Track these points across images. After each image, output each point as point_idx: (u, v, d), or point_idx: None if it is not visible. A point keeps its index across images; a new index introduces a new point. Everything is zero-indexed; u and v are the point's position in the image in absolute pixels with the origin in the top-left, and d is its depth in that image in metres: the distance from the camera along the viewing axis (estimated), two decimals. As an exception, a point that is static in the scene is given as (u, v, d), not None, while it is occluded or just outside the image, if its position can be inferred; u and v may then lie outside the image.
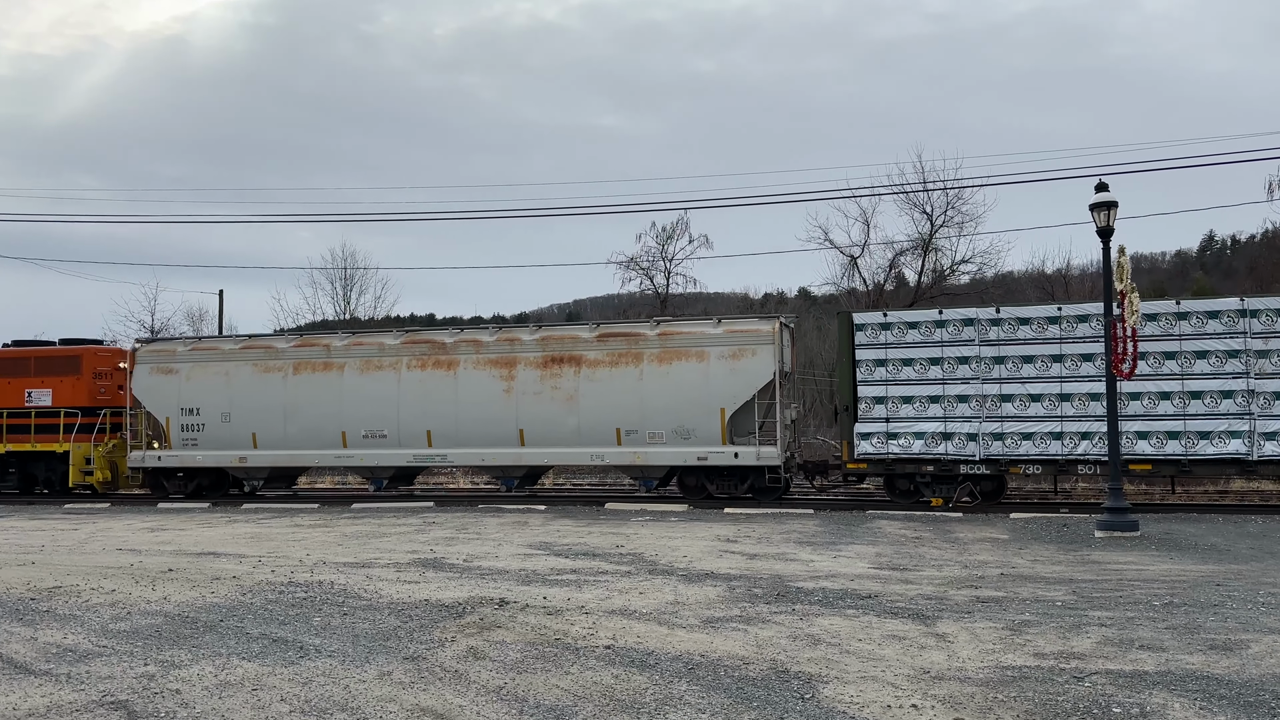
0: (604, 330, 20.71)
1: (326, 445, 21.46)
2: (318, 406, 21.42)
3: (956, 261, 34.55)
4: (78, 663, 7.27)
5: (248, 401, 21.94)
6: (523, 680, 6.70)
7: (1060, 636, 7.92)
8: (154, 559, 12.79)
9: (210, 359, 22.56)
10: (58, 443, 23.41)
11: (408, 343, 21.45)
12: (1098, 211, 15.10)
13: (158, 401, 22.74)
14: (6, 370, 24.37)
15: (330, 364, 21.64)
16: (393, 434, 21.02)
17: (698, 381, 19.52)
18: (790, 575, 11.06)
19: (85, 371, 23.97)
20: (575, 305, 74.44)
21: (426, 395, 20.78)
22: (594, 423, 19.91)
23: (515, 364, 20.53)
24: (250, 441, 21.95)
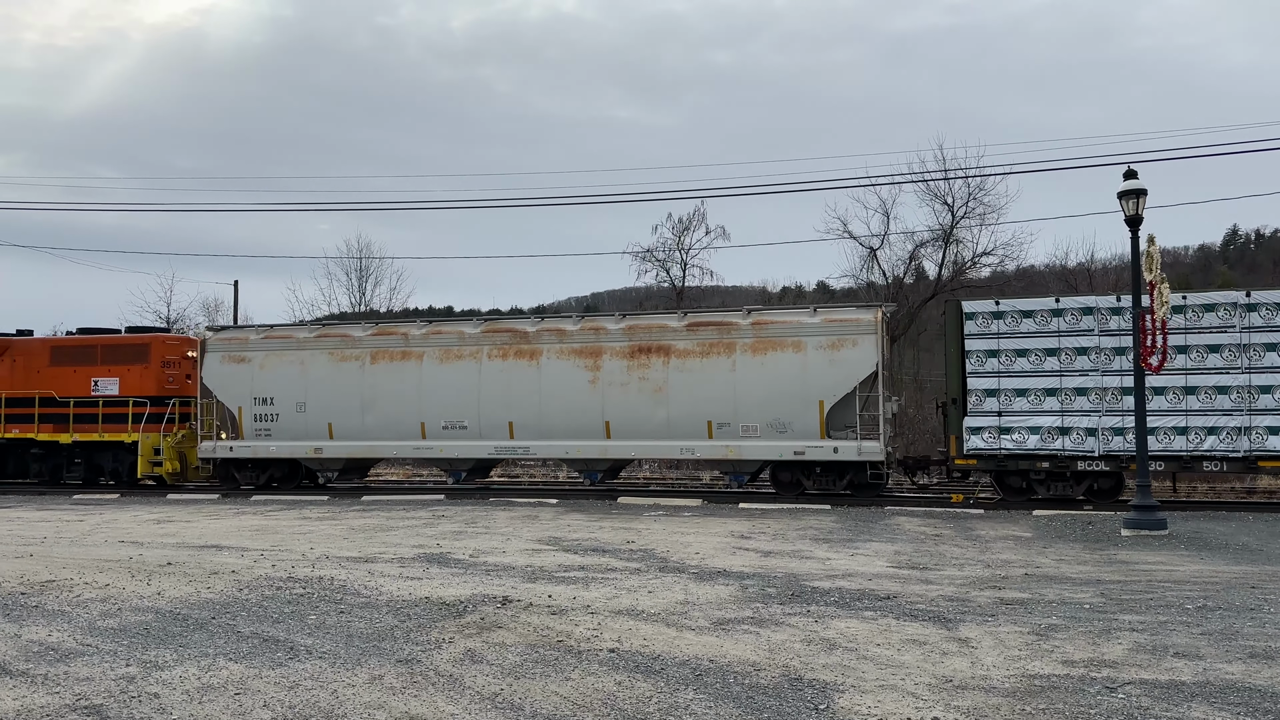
0: (694, 319, 20.06)
1: (405, 436, 20.95)
2: (396, 397, 20.92)
3: (978, 254, 33.95)
4: (58, 663, 6.96)
5: (324, 391, 21.45)
6: (520, 686, 6.34)
7: (1090, 642, 7.50)
8: (155, 552, 12.53)
9: (285, 347, 22.05)
10: (126, 433, 22.87)
11: (488, 331, 20.92)
12: (1126, 199, 14.59)
13: (230, 391, 22.26)
14: (72, 359, 23.84)
15: (408, 353, 21.11)
16: (473, 425, 20.52)
17: (794, 373, 18.84)
18: (805, 574, 10.66)
19: (154, 360, 23.39)
20: (593, 298, 74.16)
21: (508, 386, 20.30)
22: (684, 415, 19.29)
23: (600, 354, 19.94)
24: (326, 432, 21.47)
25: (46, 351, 24.10)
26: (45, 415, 23.46)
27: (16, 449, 23.91)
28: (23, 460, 23.96)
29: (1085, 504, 18.03)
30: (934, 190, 33.45)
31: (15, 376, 23.93)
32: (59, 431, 23.38)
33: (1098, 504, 17.84)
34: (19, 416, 23.66)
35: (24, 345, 24.47)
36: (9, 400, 23.71)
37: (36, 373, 23.83)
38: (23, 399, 23.65)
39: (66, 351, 24.02)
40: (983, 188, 32.86)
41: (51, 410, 23.44)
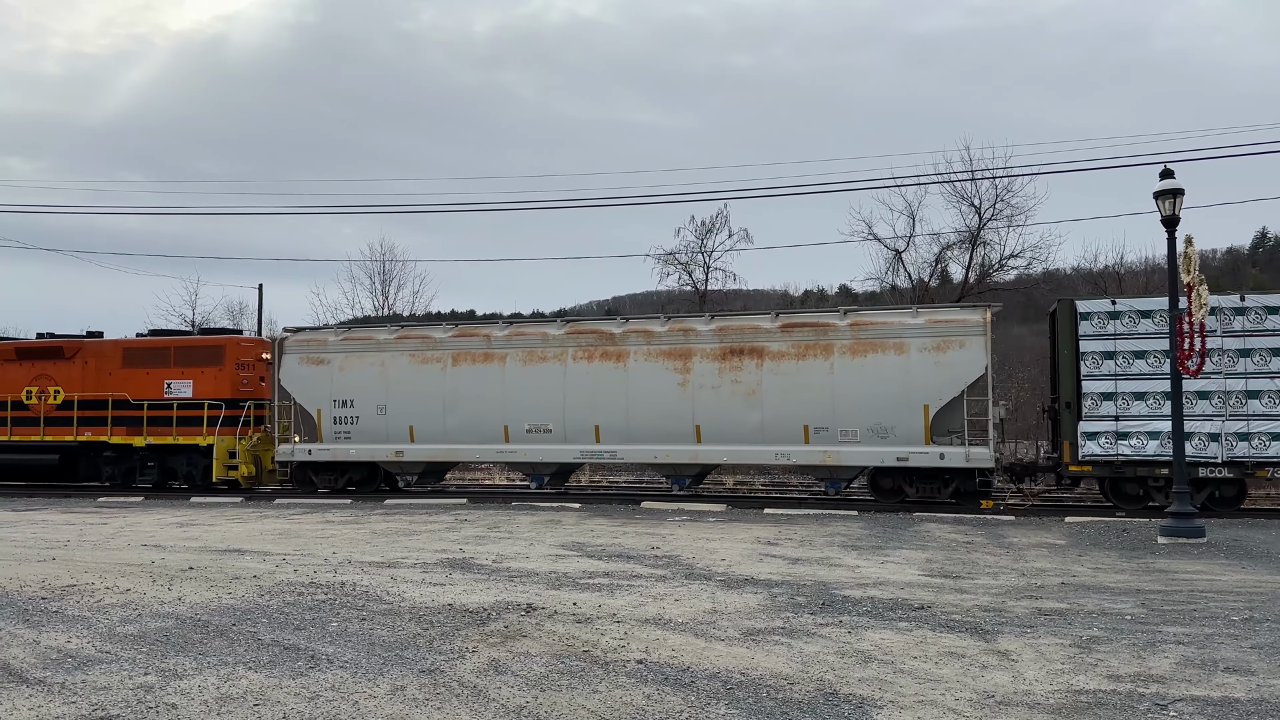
0: (788, 320, 19.47)
1: (488, 440, 20.56)
2: (479, 399, 20.56)
3: (1005, 256, 33.52)
4: (75, 670, 6.84)
5: (405, 393, 21.09)
6: (546, 699, 6.15)
7: (1135, 656, 7.23)
8: (177, 556, 12.44)
9: (365, 349, 21.70)
10: (201, 435, 22.51)
11: (572, 333, 20.48)
12: (1163, 199, 14.27)
13: (309, 393, 21.98)
14: (145, 360, 23.49)
15: (491, 355, 20.73)
16: (558, 429, 20.07)
17: (897, 376, 18.21)
18: (836, 582, 10.42)
19: (228, 362, 23.05)
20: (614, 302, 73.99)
21: (594, 388, 19.84)
22: (779, 419, 18.72)
23: (690, 355, 19.43)
24: (407, 435, 21.10)
25: (118, 353, 23.83)
26: (118, 418, 23.20)
27: (89, 452, 23.62)
28: (94, 463, 23.68)
29: (1118, 511, 17.66)
30: (960, 191, 33.08)
31: (87, 379, 23.68)
32: (132, 434, 23.12)
33: (1131, 511, 17.47)
34: (91, 419, 23.41)
35: (95, 347, 24.18)
36: (81, 403, 23.47)
37: (108, 375, 23.58)
38: (95, 401, 23.41)
39: (139, 353, 23.76)
40: (1010, 189, 32.45)
41: (124, 413, 23.17)
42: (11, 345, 24.83)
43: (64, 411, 23.66)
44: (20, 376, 24.13)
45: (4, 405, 24.03)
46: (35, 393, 23.90)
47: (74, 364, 23.85)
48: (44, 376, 23.97)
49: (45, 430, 23.77)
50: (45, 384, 23.91)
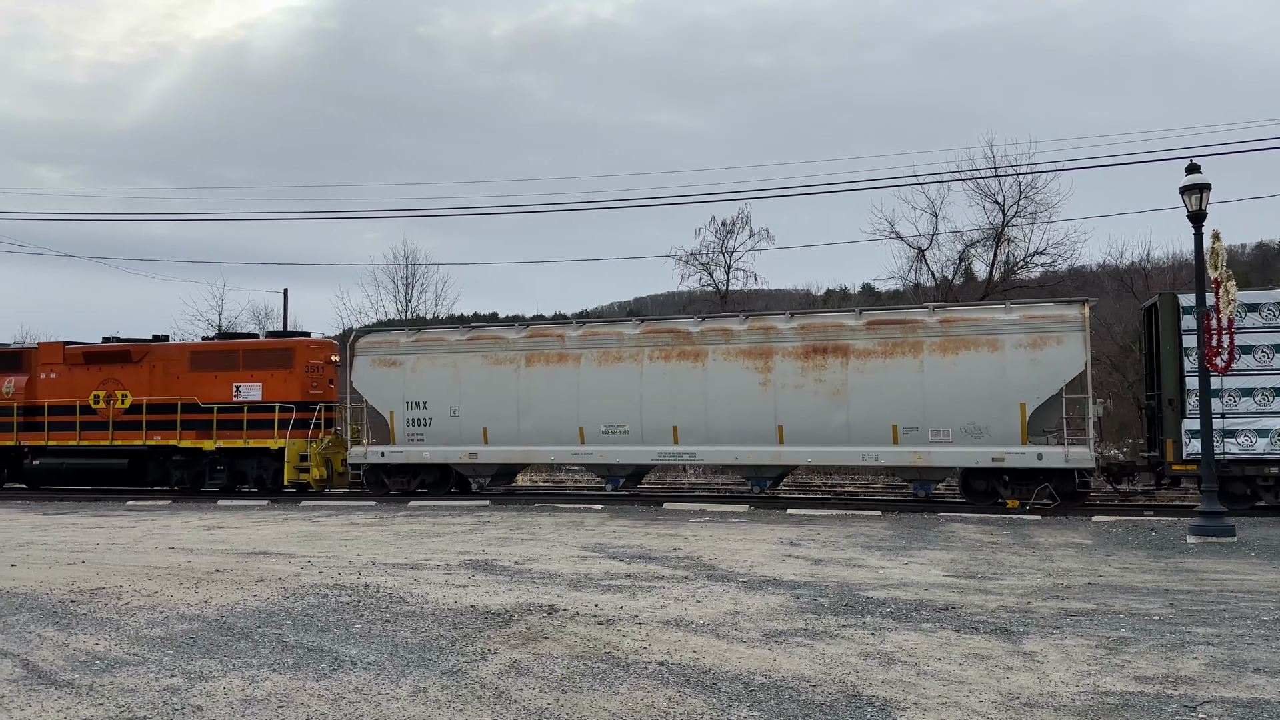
0: (874, 317, 18.96)
1: (563, 441, 20.30)
2: (554, 400, 20.29)
3: (1030, 253, 33.25)
4: (103, 673, 6.92)
5: (478, 395, 20.89)
6: (567, 701, 6.16)
7: (1163, 657, 7.15)
8: (203, 558, 12.56)
9: (437, 350, 21.49)
10: (272, 439, 22.31)
11: (648, 332, 20.13)
12: (1189, 195, 14.11)
13: (381, 395, 21.82)
14: (213, 364, 23.37)
15: (565, 355, 20.44)
16: (635, 430, 19.75)
17: (991, 374, 17.65)
18: (859, 583, 10.37)
19: (298, 365, 22.82)
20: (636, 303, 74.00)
21: (672, 388, 19.49)
22: (866, 419, 18.25)
23: (771, 354, 18.97)
24: (481, 437, 20.88)
25: (186, 357, 23.80)
26: (187, 421, 23.08)
27: (157, 456, 23.56)
28: (163, 467, 23.61)
29: (1145, 510, 17.46)
30: (984, 189, 32.84)
31: (154, 382, 23.58)
32: (202, 438, 23.00)
33: (1159, 510, 17.27)
34: (159, 423, 23.33)
35: (162, 351, 24.18)
36: (150, 406, 23.36)
37: (176, 379, 23.48)
38: (164, 405, 23.34)
39: (207, 357, 23.67)
40: (1034, 185, 32.19)
41: (193, 416, 23.05)
42: (79, 349, 24.66)
43: (132, 415, 23.59)
44: (88, 381, 24.08)
45: (72, 409, 23.98)
46: (103, 397, 23.82)
47: (141, 368, 23.76)
48: (111, 380, 23.89)
49: (114, 434, 23.70)
50: (113, 388, 23.83)
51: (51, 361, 24.57)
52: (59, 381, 24.35)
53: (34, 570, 11.69)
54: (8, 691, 6.49)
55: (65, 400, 24.12)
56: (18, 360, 25.11)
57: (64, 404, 24.11)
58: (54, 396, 24.26)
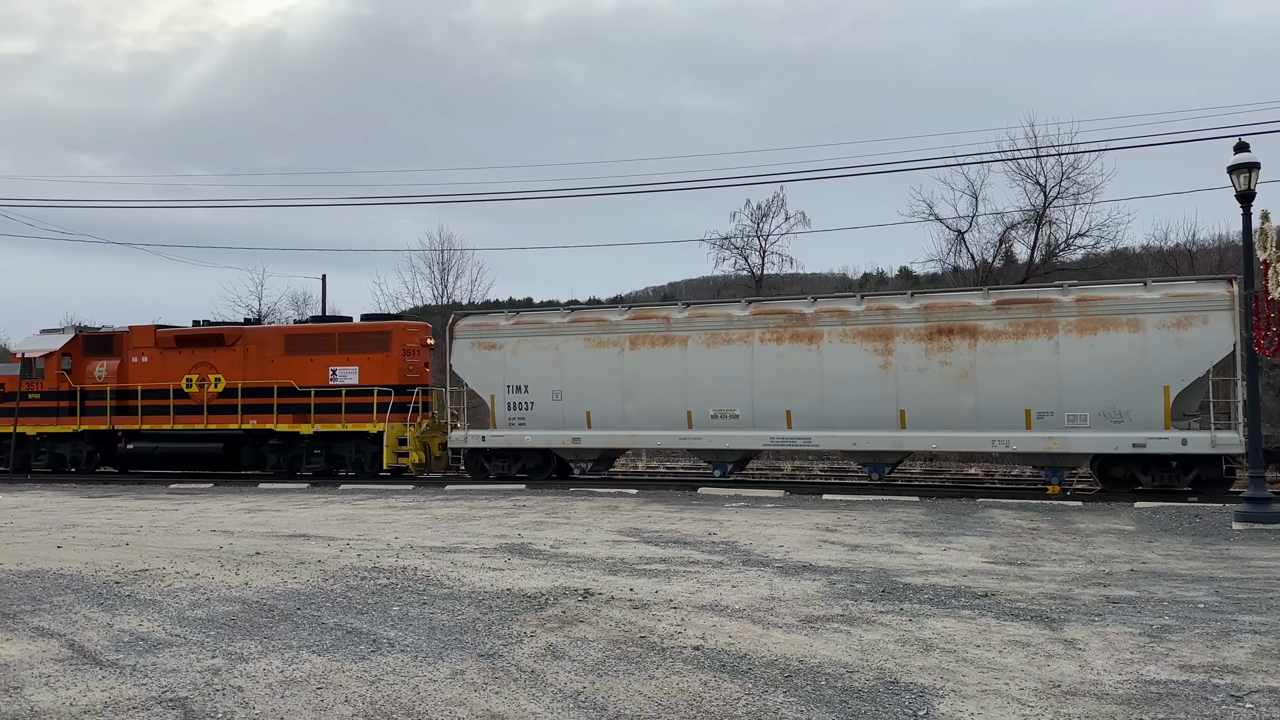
0: (1004, 296, 18.34)
1: (670, 426, 19.85)
2: (659, 384, 19.86)
3: (1072, 235, 32.74)
4: (146, 653, 7.02)
5: (581, 378, 20.54)
6: (603, 684, 6.16)
7: (1208, 645, 7.02)
8: (244, 541, 12.73)
9: (537, 333, 21.21)
10: (371, 423, 22.14)
11: (759, 313, 19.59)
12: (1237, 174, 13.78)
13: (481, 378, 21.62)
14: (309, 347, 23.22)
15: (671, 337, 20.00)
16: (745, 414, 19.23)
17: (1132, 355, 16.92)
18: (896, 569, 10.29)
19: (394, 348, 22.60)
20: (670, 288, 73.85)
21: (785, 371, 18.93)
22: (996, 403, 17.62)
23: (891, 336, 18.37)
24: (584, 421, 20.53)
25: (280, 340, 23.66)
26: (284, 405, 22.98)
27: (253, 440, 23.56)
28: (259, 451, 23.62)
29: (1190, 495, 17.17)
30: (1025, 169, 32.39)
31: (249, 366, 23.48)
32: (299, 422, 22.86)
33: (1204, 495, 16.96)
34: (255, 407, 23.25)
35: (256, 334, 24.08)
36: (245, 390, 23.29)
37: (270, 362, 23.35)
38: (259, 389, 23.23)
39: (302, 340, 23.51)
40: (1076, 166, 31.68)
41: (290, 400, 22.94)
42: (170, 333, 24.64)
43: (226, 399, 23.51)
44: (179, 364, 24.05)
45: (165, 393, 23.90)
46: (195, 380, 23.79)
47: (234, 351, 23.67)
48: (204, 364, 23.81)
49: (209, 418, 23.63)
50: (205, 372, 23.76)
51: (143, 345, 24.51)
52: (150, 365, 24.32)
53: (79, 552, 11.92)
54: (54, 670, 6.62)
55: (158, 384, 24.04)
56: (109, 344, 25.05)
57: (157, 388, 24.02)
58: (146, 380, 24.24)
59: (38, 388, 24.92)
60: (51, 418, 24.87)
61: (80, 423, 24.67)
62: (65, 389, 24.77)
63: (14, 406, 25.09)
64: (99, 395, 24.55)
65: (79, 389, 24.70)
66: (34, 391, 24.92)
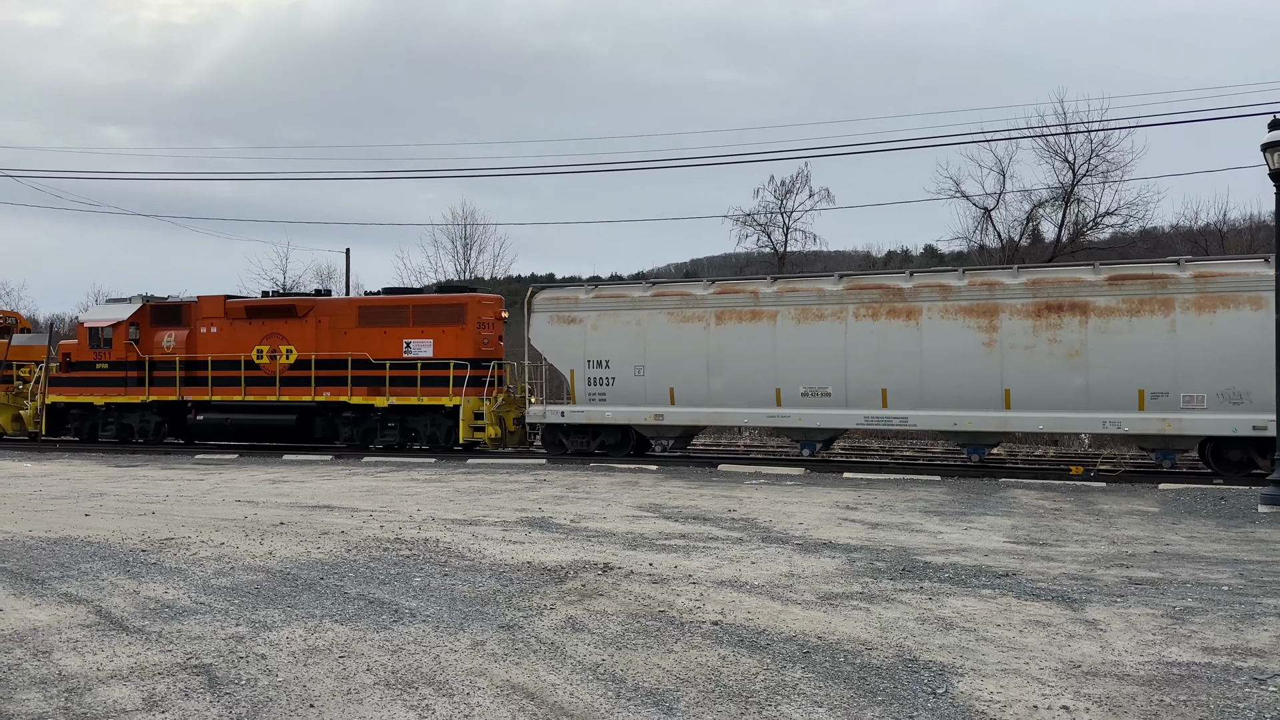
0: (1116, 272, 17.56)
1: (757, 404, 19.28)
2: (747, 360, 19.30)
3: (1100, 213, 32.35)
4: (172, 620, 7.13)
5: (664, 354, 20.04)
6: (622, 657, 6.19)
7: (1231, 628, 6.97)
8: (269, 511, 12.86)
9: (619, 307, 20.66)
10: (447, 396, 21.72)
11: (852, 288, 18.96)
12: (1271, 152, 13.51)
13: (560, 353, 21.18)
14: (382, 319, 22.78)
15: (759, 312, 19.39)
16: (838, 392, 18.70)
17: (1254, 334, 16.03)
18: (916, 548, 10.26)
19: (470, 321, 22.17)
20: (692, 264, 73.69)
21: (881, 348, 18.36)
22: (1107, 383, 16.99)
23: (996, 312, 17.72)
24: (667, 398, 20.03)
25: (354, 312, 23.33)
26: (358, 378, 22.64)
27: (325, 412, 23.32)
28: (331, 424, 23.38)
29: (1215, 478, 17.01)
30: (1054, 146, 32.01)
31: (321, 338, 23.12)
32: (374, 395, 22.52)
33: (1229, 478, 16.80)
34: (329, 379, 22.93)
35: (329, 306, 23.85)
36: (319, 362, 22.95)
37: (343, 334, 22.99)
38: (333, 361, 22.86)
39: (376, 312, 23.13)
40: (1106, 143, 31.27)
41: (364, 373, 22.61)
42: (240, 303, 24.34)
43: (297, 371, 23.17)
44: (250, 335, 23.72)
45: (236, 364, 23.62)
46: (266, 352, 23.48)
47: (307, 323, 23.36)
48: (275, 335, 23.50)
49: (281, 390, 23.28)
50: (277, 343, 23.46)
51: (212, 315, 24.23)
52: (220, 335, 24.03)
53: (107, 520, 12.09)
54: (82, 636, 6.73)
55: (229, 355, 23.76)
56: (178, 313, 24.85)
57: (228, 358, 23.74)
58: (215, 351, 23.96)
59: (105, 357, 24.64)
60: (119, 388, 24.64)
61: (149, 393, 24.43)
62: (133, 359, 24.49)
63: (63, 375, 25.04)
64: (167, 366, 24.32)
65: (147, 359, 24.45)
66: (102, 361, 24.72)
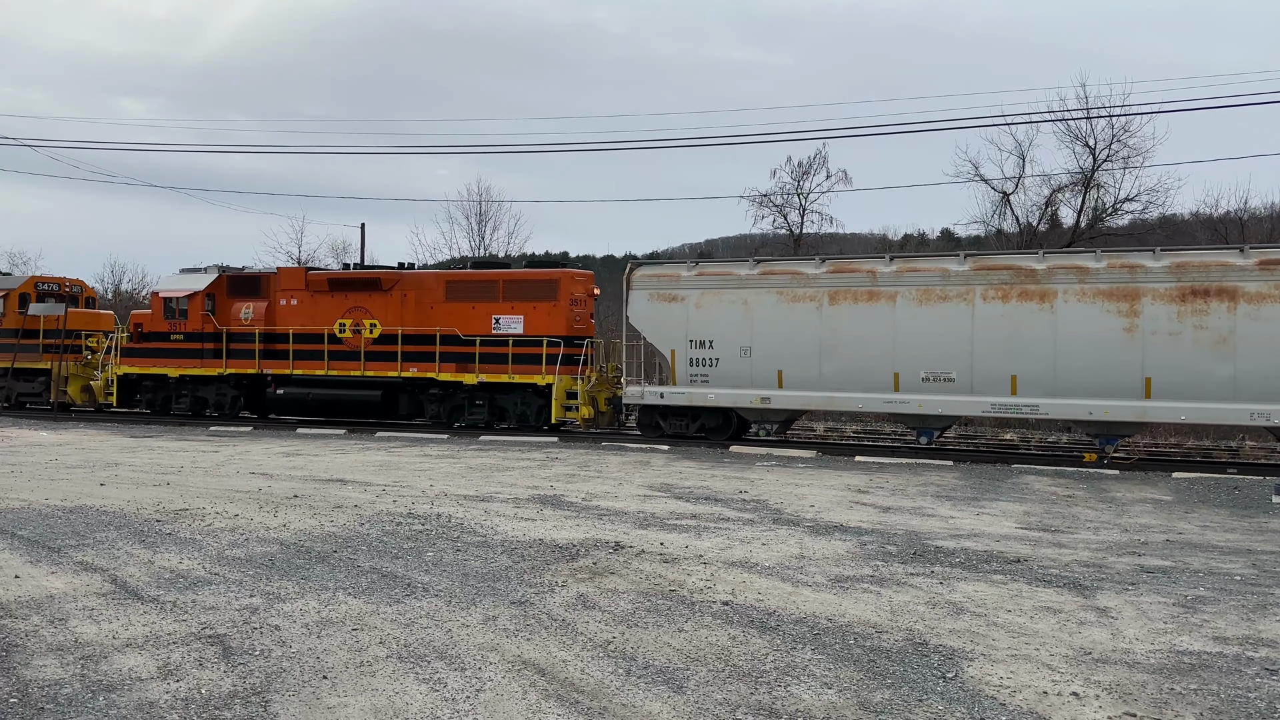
0: (1268, 256, 16.70)
1: (873, 388, 18.51)
2: (863, 343, 18.55)
3: (1120, 199, 32.08)
4: (186, 590, 7.19)
5: (772, 334, 19.26)
6: (632, 635, 6.22)
7: (1243, 618, 6.95)
8: (283, 484, 12.94)
9: (723, 285, 19.88)
10: (539, 374, 21.07)
11: (980, 269, 18.21)
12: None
13: (661, 332, 20.35)
14: (471, 294, 22.13)
15: (877, 293, 18.61)
16: (962, 378, 17.93)
17: None
18: (928, 532, 10.26)
19: (562, 298, 21.46)
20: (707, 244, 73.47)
21: (1011, 333, 17.59)
22: (1258, 373, 16.26)
23: (1137, 296, 16.93)
24: (774, 380, 19.27)
25: (441, 286, 22.57)
26: (445, 354, 22.01)
27: (411, 388, 22.61)
28: (416, 400, 22.68)
29: (1229, 467, 16.93)
30: (1074, 131, 31.70)
31: (406, 312, 22.48)
32: (462, 371, 21.86)
33: (1243, 467, 16.72)
34: (415, 355, 22.30)
35: (415, 279, 23.13)
36: (405, 337, 22.29)
37: (429, 309, 22.36)
38: (420, 336, 22.24)
39: (464, 286, 22.40)
40: (1128, 129, 30.96)
41: (452, 349, 21.98)
42: (323, 275, 23.84)
43: (381, 346, 22.53)
44: (332, 308, 23.08)
45: (319, 338, 23.00)
46: (349, 325, 22.84)
47: (391, 297, 22.69)
48: (359, 309, 22.87)
49: (365, 365, 22.69)
50: (360, 317, 22.82)
51: (292, 287, 23.61)
52: (300, 308, 23.40)
53: (122, 490, 12.18)
54: (98, 604, 6.80)
55: (310, 328, 23.14)
56: (255, 285, 24.15)
57: (310, 332, 23.12)
58: (295, 324, 23.33)
59: (180, 328, 23.97)
60: (195, 360, 23.96)
61: (226, 365, 23.81)
62: (210, 330, 23.81)
63: (135, 346, 24.48)
64: (245, 338, 23.63)
65: (225, 331, 23.80)
66: (176, 332, 24.00)
